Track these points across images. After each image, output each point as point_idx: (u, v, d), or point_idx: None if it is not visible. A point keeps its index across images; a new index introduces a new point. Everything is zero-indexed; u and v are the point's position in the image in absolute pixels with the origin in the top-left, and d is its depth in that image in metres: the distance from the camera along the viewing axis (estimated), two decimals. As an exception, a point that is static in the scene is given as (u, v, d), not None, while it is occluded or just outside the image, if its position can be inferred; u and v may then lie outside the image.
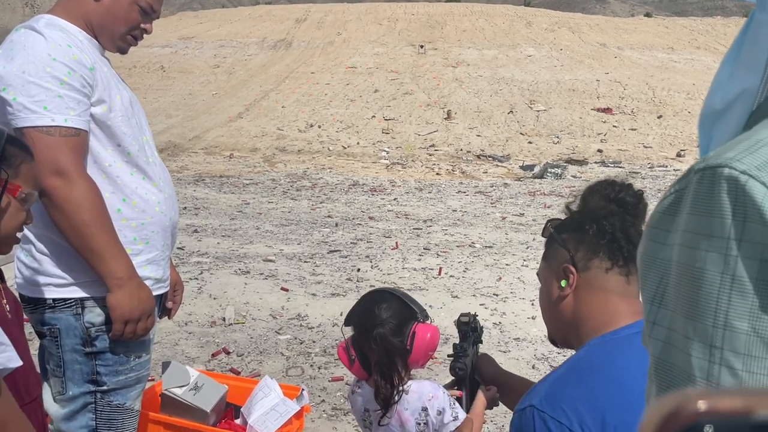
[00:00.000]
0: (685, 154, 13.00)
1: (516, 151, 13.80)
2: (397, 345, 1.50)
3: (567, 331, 1.24)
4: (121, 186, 1.66)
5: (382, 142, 14.56)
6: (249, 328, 3.96)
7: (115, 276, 1.57)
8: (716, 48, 19.89)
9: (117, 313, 1.58)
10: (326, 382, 3.29)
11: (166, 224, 1.77)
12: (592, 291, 1.20)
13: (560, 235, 1.24)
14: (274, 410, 2.38)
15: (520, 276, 5.03)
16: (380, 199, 8.78)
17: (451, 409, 1.51)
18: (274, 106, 17.11)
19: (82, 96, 1.56)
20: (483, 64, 18.56)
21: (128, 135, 1.69)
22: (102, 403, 1.66)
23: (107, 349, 1.64)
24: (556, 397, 1.11)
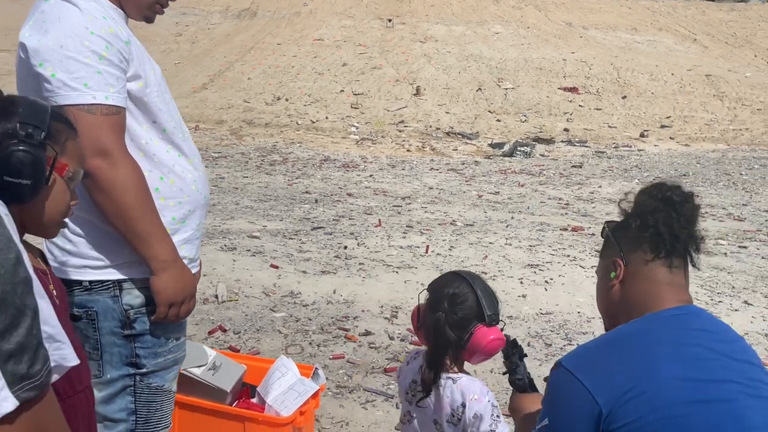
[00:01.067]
0: (648, 134, 13.31)
1: (484, 128, 13.88)
2: (450, 337, 1.49)
3: (615, 318, 1.33)
4: (158, 164, 1.61)
5: (351, 117, 14.44)
6: (242, 305, 3.92)
7: (159, 259, 1.53)
8: (677, 30, 20.31)
9: (162, 297, 1.55)
10: (327, 360, 3.29)
11: (201, 203, 1.73)
12: (638, 281, 1.29)
13: (614, 233, 1.36)
14: (293, 389, 2.38)
15: (505, 254, 5.11)
16: (356, 175, 8.74)
17: (491, 419, 1.50)
18: (240, 77, 16.73)
19: (120, 71, 1.50)
20: (451, 40, 18.51)
21: (164, 111, 1.64)
22: (141, 386, 1.63)
23: (147, 331, 1.60)
24: (582, 359, 1.21)
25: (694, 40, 19.54)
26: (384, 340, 3.54)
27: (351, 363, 3.28)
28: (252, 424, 2.28)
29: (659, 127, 13.74)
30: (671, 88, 15.38)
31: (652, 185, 1.34)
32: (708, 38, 19.75)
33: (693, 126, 13.70)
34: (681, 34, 19.96)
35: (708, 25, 20.77)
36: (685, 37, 19.74)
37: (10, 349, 0.82)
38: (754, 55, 18.41)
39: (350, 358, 3.32)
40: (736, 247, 5.57)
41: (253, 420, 2.28)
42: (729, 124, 13.71)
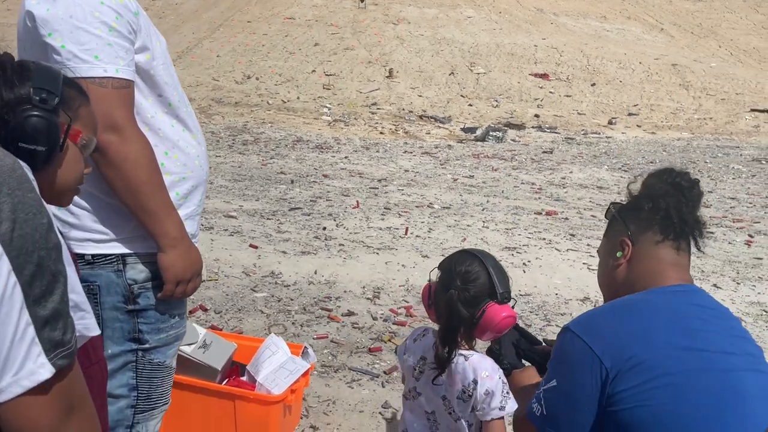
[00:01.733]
0: (616, 122, 13.55)
1: (457, 113, 13.93)
2: (463, 314, 1.50)
3: (615, 296, 1.37)
4: (163, 139, 1.58)
5: (323, 98, 14.32)
6: (223, 285, 3.89)
7: (169, 236, 1.51)
8: (645, 19, 20.63)
9: (170, 274, 1.53)
10: (311, 340, 3.29)
11: (203, 178, 1.71)
12: (644, 260, 1.34)
13: (621, 214, 1.40)
14: (284, 368, 2.38)
15: (483, 237, 5.16)
16: (330, 156, 8.69)
17: (502, 396, 1.51)
18: (209, 54, 16.41)
19: (129, 43, 1.46)
20: (424, 23, 18.46)
21: (169, 84, 1.61)
22: (143, 362, 1.61)
23: (151, 306, 1.58)
24: (588, 323, 1.26)
25: (661, 30, 19.88)
26: (367, 321, 3.56)
27: (335, 343, 3.29)
28: (243, 402, 2.28)
29: (627, 114, 14.00)
30: (639, 76, 15.65)
31: (662, 170, 1.39)
32: (675, 28, 20.13)
33: (659, 114, 13.99)
34: (649, 24, 20.29)
35: (675, 15, 21.15)
36: (653, 27, 20.07)
37: (45, 315, 0.81)
38: (719, 45, 18.85)
39: (334, 338, 3.33)
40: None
41: (244, 398, 2.27)
42: (694, 113, 14.04)
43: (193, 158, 1.66)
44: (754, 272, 4.70)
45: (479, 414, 1.54)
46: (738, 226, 5.99)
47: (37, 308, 0.80)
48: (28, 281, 0.79)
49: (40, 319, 0.80)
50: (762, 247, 5.37)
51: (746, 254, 5.14)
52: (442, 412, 1.61)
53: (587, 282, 4.29)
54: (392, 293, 3.94)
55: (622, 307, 1.28)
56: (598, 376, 1.17)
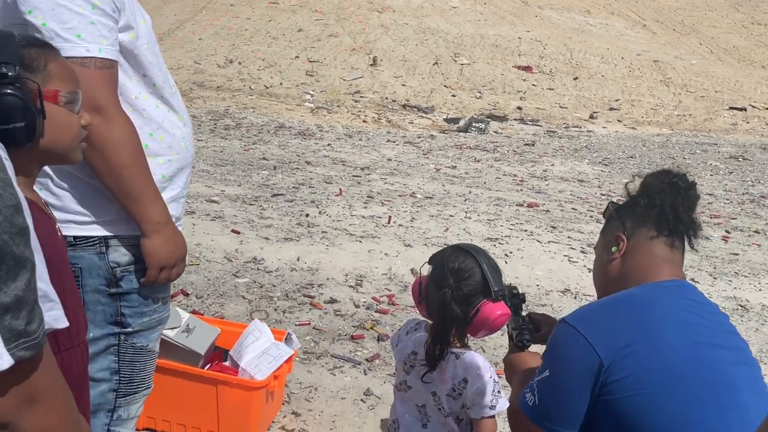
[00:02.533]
0: (597, 116, 13.65)
1: (440, 103, 13.93)
2: (456, 313, 1.47)
3: (608, 289, 1.39)
4: (148, 120, 1.55)
5: (306, 85, 14.22)
6: (204, 270, 3.85)
7: (153, 221, 1.48)
8: (628, 15, 20.76)
9: (154, 259, 1.50)
10: (293, 327, 3.28)
11: (188, 161, 1.69)
12: (638, 255, 1.36)
13: (618, 212, 1.43)
14: (267, 354, 2.37)
15: (465, 227, 5.18)
16: (313, 143, 8.64)
17: (492, 395, 1.49)
18: (191, 37, 16.18)
19: (113, 22, 1.42)
20: (409, 12, 18.37)
21: (153, 64, 1.57)
22: (125, 345, 1.59)
23: (133, 290, 1.56)
24: (584, 316, 1.28)
25: (644, 26, 20.05)
26: (350, 308, 3.55)
27: (317, 330, 3.28)
28: (225, 388, 2.26)
29: (608, 109, 14.11)
30: (621, 71, 15.77)
31: (660, 171, 1.43)
32: (657, 24, 20.30)
33: (640, 110, 14.13)
34: (632, 19, 20.44)
35: (657, 11, 21.33)
36: (636, 23, 20.22)
37: (7, 302, 0.76)
38: (699, 43, 19.06)
39: (316, 325, 3.32)
40: (681, 227, 5.82)
41: (226, 383, 2.26)
42: (674, 110, 14.21)
43: (179, 140, 1.63)
44: (731, 267, 4.78)
45: (470, 412, 1.53)
46: (715, 222, 6.09)
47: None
48: None
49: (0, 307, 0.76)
50: (738, 243, 5.46)
51: (723, 249, 5.23)
52: (432, 407, 1.60)
53: (568, 274, 4.33)
54: (375, 281, 3.94)
55: (617, 301, 1.30)
56: (590, 365, 1.18)
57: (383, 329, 3.33)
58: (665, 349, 1.17)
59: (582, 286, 4.10)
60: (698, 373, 1.17)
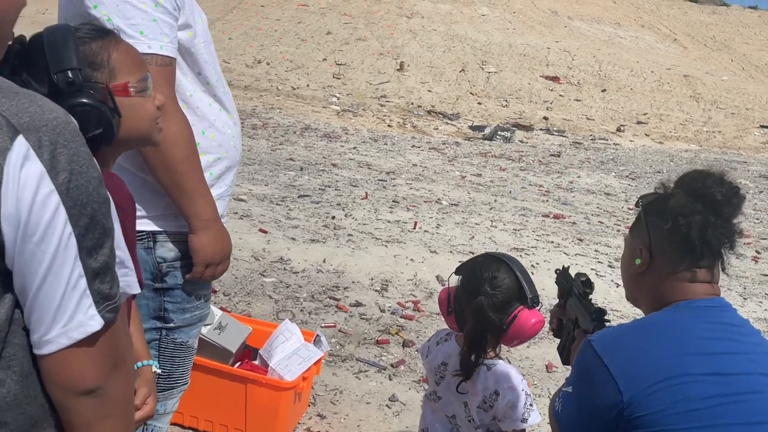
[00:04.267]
0: (625, 129, 13.53)
1: (465, 110, 13.90)
2: (493, 320, 1.46)
3: (636, 296, 1.34)
4: (201, 118, 1.57)
5: (333, 87, 14.28)
6: (232, 267, 3.87)
7: (202, 217, 1.49)
8: (659, 29, 20.57)
9: (201, 256, 1.52)
10: (319, 329, 3.28)
11: (237, 159, 1.70)
12: (662, 277, 1.25)
13: (646, 216, 1.29)
14: (297, 354, 2.37)
15: (491, 236, 5.15)
16: (339, 146, 8.67)
17: (525, 409, 1.48)
18: (221, 36, 16.33)
19: (173, 20, 1.45)
20: (437, 18, 18.38)
21: (209, 63, 1.59)
22: (167, 341, 1.61)
23: (177, 286, 1.57)
24: (610, 339, 1.20)
25: (675, 40, 19.83)
26: (375, 312, 3.55)
27: (343, 332, 3.28)
28: (254, 387, 2.27)
29: (635, 122, 13.97)
30: (650, 85, 15.62)
31: (695, 173, 1.26)
32: (688, 39, 20.07)
33: (668, 124, 13.97)
34: (662, 33, 20.23)
35: (689, 26, 21.09)
36: (666, 36, 20.02)
37: (96, 267, 0.80)
38: (731, 59, 18.80)
39: (342, 328, 3.33)
40: (710, 245, 5.74)
41: (256, 382, 2.27)
42: (703, 126, 14.02)
43: (229, 138, 1.65)
44: (761, 288, 4.70)
45: (501, 425, 1.52)
46: (745, 242, 5.99)
47: (89, 260, 0.79)
48: (83, 233, 0.78)
49: (91, 271, 0.80)
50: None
51: (753, 270, 5.14)
52: (462, 418, 1.59)
53: (595, 288, 4.28)
54: (400, 287, 3.93)
55: (649, 326, 1.22)
56: (612, 399, 1.13)
57: (408, 335, 3.33)
58: (695, 386, 1.12)
59: (609, 301, 4.06)
60: (733, 405, 1.12)
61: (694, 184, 1.24)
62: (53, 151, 0.75)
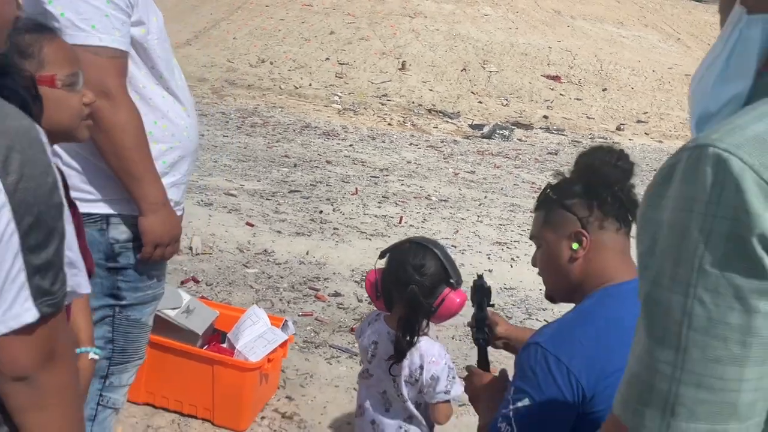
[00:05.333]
0: (624, 128, 13.54)
1: (466, 109, 13.96)
2: (425, 305, 1.57)
3: (572, 288, 1.35)
4: (153, 108, 1.68)
5: (335, 86, 14.38)
6: (216, 259, 3.99)
7: (150, 201, 1.60)
8: (662, 28, 20.52)
9: (149, 237, 1.62)
10: (296, 317, 3.39)
11: (191, 149, 1.80)
12: (602, 251, 1.30)
13: (563, 201, 1.34)
14: (262, 337, 2.48)
15: (475, 231, 5.24)
16: (336, 143, 8.77)
17: (447, 381, 1.57)
18: (225, 36, 16.50)
19: (126, 16, 1.56)
20: (440, 18, 18.45)
21: (162, 59, 1.70)
22: (120, 317, 1.71)
23: (130, 265, 1.68)
24: (560, 338, 1.21)
25: (678, 39, 19.78)
26: (353, 302, 3.65)
27: (319, 321, 3.39)
28: (220, 367, 2.38)
29: (635, 121, 13.98)
30: (651, 84, 15.61)
31: (600, 151, 1.33)
32: (691, 38, 20.02)
33: (668, 123, 13.97)
34: (666, 32, 20.19)
35: (692, 25, 21.03)
36: (670, 36, 19.97)
37: (38, 264, 0.87)
38: (735, 59, 18.72)
39: (318, 316, 3.43)
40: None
41: (221, 363, 2.37)
42: (703, 125, 14.01)
43: (182, 129, 1.76)
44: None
45: (426, 397, 1.62)
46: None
47: (31, 257, 0.86)
48: (26, 231, 0.85)
49: (32, 267, 0.86)
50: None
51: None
52: (392, 393, 1.69)
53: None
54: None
55: (590, 317, 1.24)
56: (575, 395, 1.14)
57: (383, 324, 3.42)
58: None
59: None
60: None
61: (607, 158, 1.32)
62: (7, 155, 0.83)
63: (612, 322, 1.22)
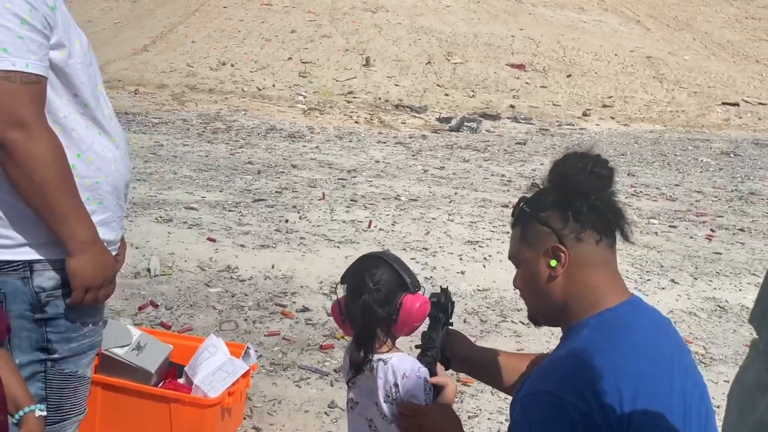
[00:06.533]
0: (591, 113, 13.61)
1: (433, 102, 13.90)
2: (380, 314, 1.49)
3: (556, 310, 1.23)
4: (76, 140, 1.52)
5: (299, 86, 14.19)
6: (176, 279, 3.82)
7: (78, 240, 1.44)
8: (622, 11, 20.69)
9: (79, 280, 1.47)
10: (262, 337, 3.25)
11: (120, 183, 1.65)
12: (583, 267, 1.19)
13: (538, 214, 1.22)
14: (222, 370, 2.33)
15: (446, 230, 5.14)
16: (302, 146, 8.61)
17: (425, 395, 1.49)
18: (183, 40, 16.16)
19: (43, 38, 1.39)
20: (402, 11, 18.32)
21: (86, 85, 1.54)
22: (53, 372, 1.55)
23: (60, 315, 1.52)
24: (572, 382, 1.08)
25: (638, 22, 19.97)
26: (322, 317, 3.52)
27: (286, 340, 3.25)
28: (178, 405, 2.23)
29: (601, 106, 14.06)
30: (614, 68, 15.72)
31: (573, 157, 1.22)
32: (651, 20, 20.23)
33: (633, 106, 14.08)
34: (626, 16, 20.36)
35: (651, 7, 21.25)
36: (629, 19, 20.15)
37: None
38: (693, 38, 18.99)
39: (286, 335, 3.29)
40: (666, 227, 5.78)
41: (179, 401, 2.22)
42: (666, 106, 14.15)
43: (109, 162, 1.60)
44: (712, 267, 4.74)
45: None
46: (701, 221, 6.04)
47: None
48: None
49: None
50: (722, 242, 5.42)
51: (706, 249, 5.18)
52: (378, 418, 1.60)
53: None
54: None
55: (594, 352, 1.12)
56: None
57: (353, 338, 3.30)
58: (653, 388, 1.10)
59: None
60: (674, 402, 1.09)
61: (581, 165, 1.20)
62: None
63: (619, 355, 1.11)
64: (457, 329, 1.63)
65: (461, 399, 2.80)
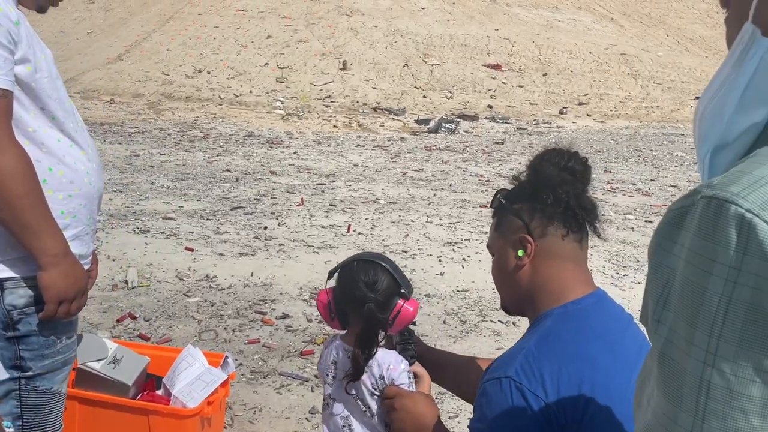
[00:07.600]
0: (567, 111, 13.75)
1: (411, 104, 13.95)
2: (381, 320, 1.53)
3: (522, 299, 1.28)
4: (47, 154, 1.52)
5: (277, 92, 14.16)
6: (154, 291, 3.80)
7: (49, 253, 1.45)
8: (596, 9, 20.94)
9: (51, 293, 1.47)
10: (242, 345, 3.25)
11: (93, 196, 1.65)
12: (549, 259, 1.23)
13: (512, 205, 1.27)
14: (200, 380, 2.33)
15: (425, 232, 5.17)
16: (280, 152, 8.60)
17: (409, 386, 1.55)
18: (158, 48, 16.04)
19: (8, 53, 1.40)
20: (378, 14, 18.37)
21: (53, 98, 1.54)
22: (27, 389, 1.55)
23: (33, 332, 1.52)
24: (532, 370, 1.13)
25: (611, 20, 20.23)
26: (302, 323, 3.52)
27: (266, 347, 3.25)
28: (157, 417, 2.22)
29: (577, 104, 14.22)
30: (589, 66, 15.90)
31: (551, 153, 1.26)
32: (624, 18, 20.50)
33: (608, 103, 14.26)
34: (599, 14, 20.61)
35: (624, 4, 21.53)
36: (603, 16, 20.40)
37: None
38: (666, 34, 19.28)
39: (266, 343, 3.29)
40: (642, 222, 5.87)
41: (157, 413, 2.22)
42: (641, 102, 14.35)
43: (82, 175, 1.60)
44: (687, 261, 4.82)
45: None
46: (676, 215, 6.14)
47: None
48: None
49: None
50: (696, 235, 5.51)
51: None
52: (357, 414, 1.62)
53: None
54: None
55: (556, 342, 1.16)
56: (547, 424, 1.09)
57: (334, 343, 3.31)
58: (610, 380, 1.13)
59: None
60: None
61: (555, 160, 1.24)
62: None
63: (579, 346, 1.15)
64: None
65: (442, 400, 2.82)
